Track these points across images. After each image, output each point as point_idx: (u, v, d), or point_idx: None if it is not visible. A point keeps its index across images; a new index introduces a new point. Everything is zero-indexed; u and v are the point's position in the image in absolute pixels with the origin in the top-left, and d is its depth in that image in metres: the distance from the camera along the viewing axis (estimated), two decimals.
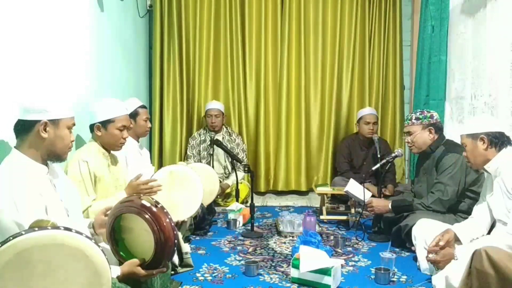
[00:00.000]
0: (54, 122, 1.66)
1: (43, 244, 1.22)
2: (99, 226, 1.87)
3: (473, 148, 2.24)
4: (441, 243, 2.21)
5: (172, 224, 1.62)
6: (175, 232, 1.62)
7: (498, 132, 2.20)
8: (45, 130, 1.64)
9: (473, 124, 2.30)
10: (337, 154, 4.43)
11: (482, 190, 2.42)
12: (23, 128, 1.65)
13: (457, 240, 2.26)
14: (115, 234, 1.72)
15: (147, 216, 1.58)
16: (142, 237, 1.62)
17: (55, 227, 1.26)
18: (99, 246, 1.31)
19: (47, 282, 1.23)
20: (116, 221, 1.69)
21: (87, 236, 1.29)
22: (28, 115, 1.63)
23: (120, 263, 1.68)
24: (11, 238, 1.19)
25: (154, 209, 1.60)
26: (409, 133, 2.94)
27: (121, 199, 1.76)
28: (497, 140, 2.19)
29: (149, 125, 3.23)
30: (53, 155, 1.70)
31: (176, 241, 1.63)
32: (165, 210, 1.63)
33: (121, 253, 1.72)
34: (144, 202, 1.62)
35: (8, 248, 1.18)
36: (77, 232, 1.28)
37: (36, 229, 1.22)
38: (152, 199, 1.64)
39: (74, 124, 1.76)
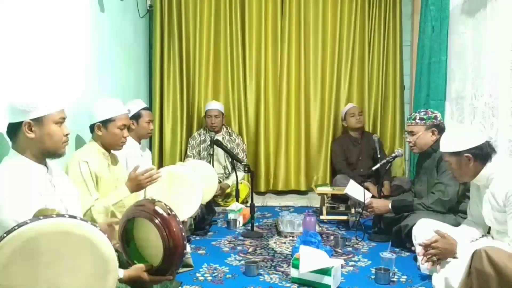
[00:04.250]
0: (38, 120, 1.63)
1: (49, 233, 1.21)
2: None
3: (459, 166, 2.18)
4: (426, 241, 2.18)
5: (183, 233, 1.60)
6: (184, 241, 1.60)
7: (481, 145, 2.13)
8: (30, 130, 1.62)
9: (455, 141, 2.18)
10: (332, 155, 4.50)
11: (470, 193, 2.39)
12: (11, 130, 1.65)
13: None
14: (127, 236, 1.72)
15: (157, 222, 1.57)
16: (152, 243, 1.61)
17: (60, 215, 1.25)
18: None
19: (54, 270, 1.22)
20: (129, 223, 1.69)
21: (92, 224, 1.29)
22: (13, 117, 1.62)
23: (129, 265, 1.68)
24: (16, 227, 1.19)
25: (166, 216, 1.58)
26: (411, 133, 2.92)
27: (135, 202, 1.76)
28: (483, 154, 2.12)
29: (151, 127, 3.22)
30: (46, 152, 1.68)
31: (185, 250, 1.63)
32: (177, 219, 1.61)
33: (130, 255, 1.72)
34: (157, 208, 1.60)
35: (14, 237, 1.18)
36: (82, 219, 1.27)
37: (41, 217, 1.22)
38: (166, 205, 1.63)
39: (63, 118, 1.72)
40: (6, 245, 1.17)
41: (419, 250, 2.32)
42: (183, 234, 1.60)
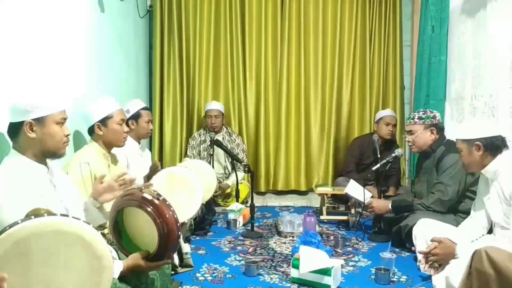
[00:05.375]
0: (39, 120, 1.62)
1: (41, 232, 1.20)
2: (99, 194, 1.87)
3: (469, 153, 2.21)
4: (425, 250, 2.20)
5: (175, 216, 1.60)
6: (178, 224, 1.61)
7: (494, 137, 2.16)
8: (31, 130, 1.61)
9: (468, 129, 2.25)
10: (346, 152, 4.38)
11: (478, 189, 2.41)
12: (12, 130, 1.64)
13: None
14: (119, 228, 1.72)
15: (149, 209, 1.57)
16: (146, 230, 1.61)
17: (51, 214, 1.25)
18: (98, 230, 1.31)
19: (48, 270, 1.22)
20: (119, 215, 1.69)
21: (84, 221, 1.28)
22: (14, 117, 1.62)
23: (126, 256, 1.68)
24: (7, 228, 1.18)
25: (156, 201, 1.59)
26: (410, 132, 2.93)
27: (121, 193, 1.75)
28: (493, 146, 2.15)
29: (151, 127, 3.22)
30: (47, 152, 1.68)
31: (179, 233, 1.62)
32: (167, 202, 1.62)
33: (125, 246, 1.71)
34: (145, 195, 1.60)
35: (5, 238, 1.17)
36: (73, 217, 1.27)
37: (32, 217, 1.21)
38: (154, 191, 1.63)
39: (65, 118, 1.72)
40: None
41: (420, 257, 2.34)
42: (175, 216, 1.60)
